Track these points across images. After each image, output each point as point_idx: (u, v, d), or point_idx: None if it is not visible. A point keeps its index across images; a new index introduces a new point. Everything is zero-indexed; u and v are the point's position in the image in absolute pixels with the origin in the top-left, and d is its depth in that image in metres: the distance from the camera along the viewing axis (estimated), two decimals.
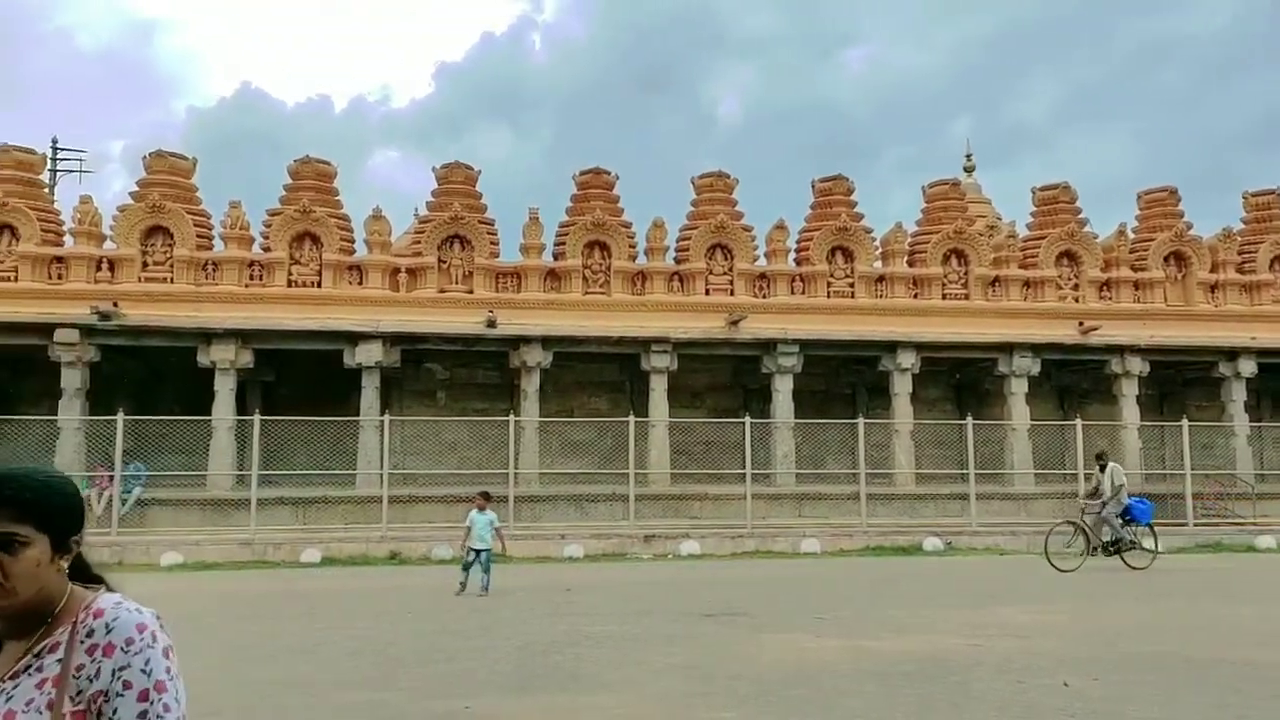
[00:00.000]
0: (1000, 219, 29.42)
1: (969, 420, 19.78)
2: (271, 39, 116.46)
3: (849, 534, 18.24)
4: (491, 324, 19.93)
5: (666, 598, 11.84)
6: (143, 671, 1.62)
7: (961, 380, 24.22)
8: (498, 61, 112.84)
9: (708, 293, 21.79)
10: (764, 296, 22.05)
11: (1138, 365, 21.91)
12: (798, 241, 22.84)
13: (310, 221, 20.12)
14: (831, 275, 22.33)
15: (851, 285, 22.41)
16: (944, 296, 22.60)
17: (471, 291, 20.88)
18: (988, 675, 7.09)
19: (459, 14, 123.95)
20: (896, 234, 22.83)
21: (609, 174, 22.42)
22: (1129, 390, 21.95)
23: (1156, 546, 14.97)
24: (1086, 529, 14.56)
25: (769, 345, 20.99)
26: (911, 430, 21.12)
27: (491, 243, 21.29)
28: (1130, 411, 21.92)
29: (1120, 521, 14.62)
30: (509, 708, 6.34)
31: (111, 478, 17.02)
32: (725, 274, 22.02)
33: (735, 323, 20.99)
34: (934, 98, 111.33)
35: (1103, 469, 15.02)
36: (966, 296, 22.69)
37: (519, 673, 7.37)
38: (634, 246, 21.89)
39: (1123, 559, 14.52)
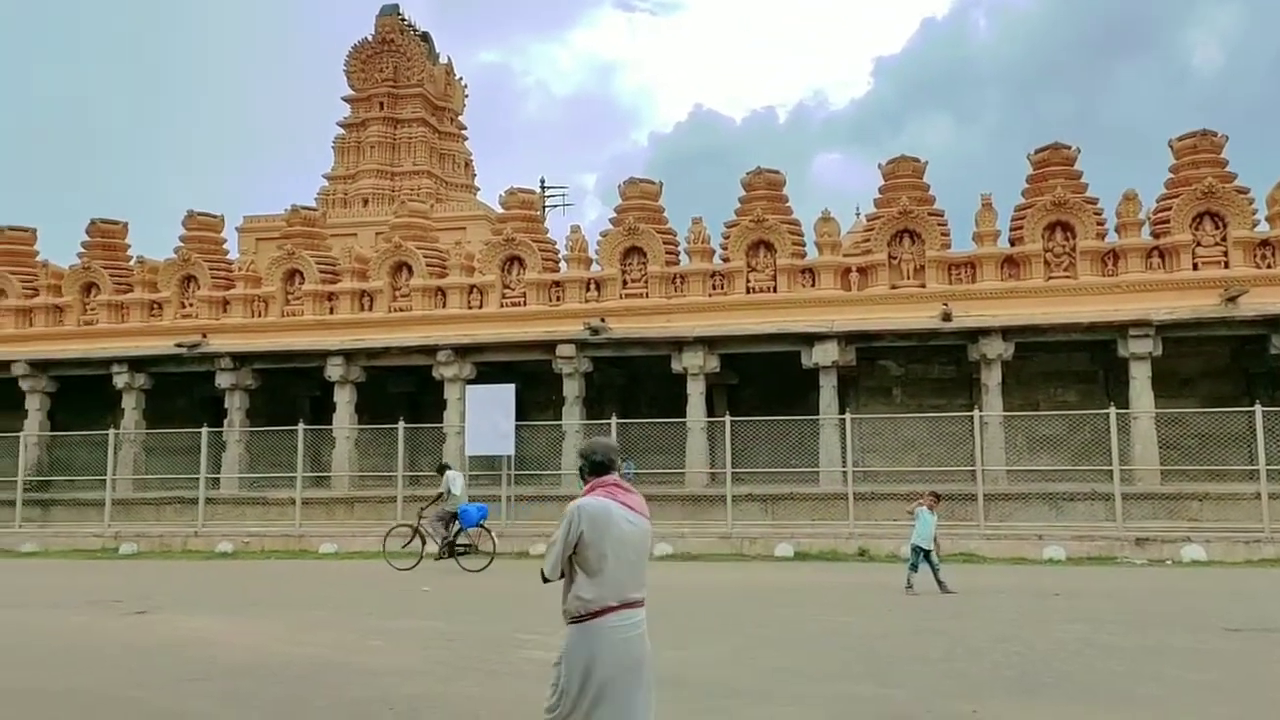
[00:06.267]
0: None
1: None
2: (718, 61, 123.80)
3: None
4: (946, 317, 19.39)
5: (1173, 607, 10.73)
6: None
7: None
8: (939, 47, 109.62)
9: (1195, 267, 19.31)
10: (1268, 267, 19.06)
11: None
12: None
13: (764, 230, 21.01)
14: None
15: None
16: None
17: (924, 285, 20.46)
18: None
19: (895, 6, 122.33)
20: None
21: (1069, 149, 20.78)
22: None
23: (494, 549, 15.41)
24: (425, 532, 15.61)
25: (1278, 322, 18.15)
26: None
27: (942, 234, 20.70)
28: None
29: (443, 526, 15.41)
30: (1021, 715, 6.16)
31: None
32: (1216, 245, 19.37)
33: (1233, 299, 18.40)
34: None
35: (441, 474, 16.17)
36: None
37: (1023, 678, 7.12)
38: (1102, 224, 20.04)
39: (458, 563, 15.09)
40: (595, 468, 4.24)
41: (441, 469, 16.56)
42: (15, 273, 24.94)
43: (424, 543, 15.67)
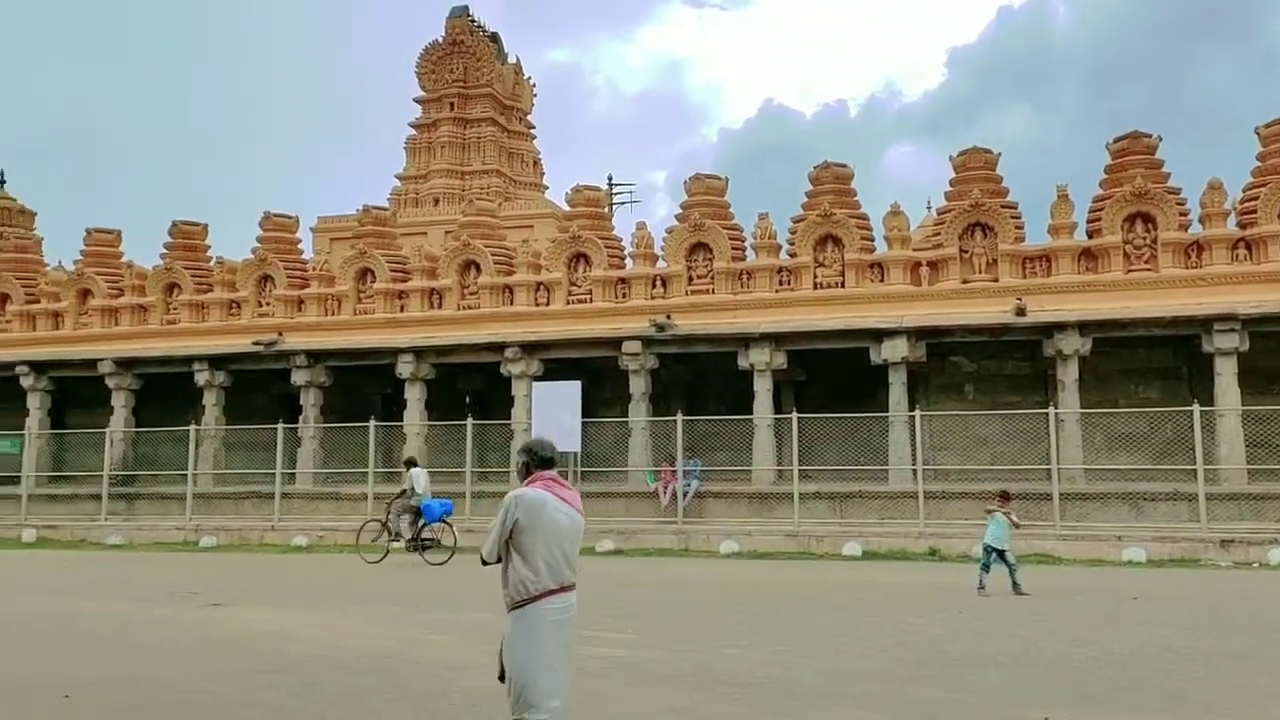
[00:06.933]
0: None
1: None
2: (788, 56, 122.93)
3: None
4: (1020, 312, 18.92)
5: (1259, 612, 10.32)
6: None
7: None
8: (1016, 36, 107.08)
9: None
10: None
11: None
12: None
13: (831, 224, 20.75)
14: None
15: None
16: None
17: (996, 280, 19.99)
18: None
19: None
20: None
21: (1149, 137, 20.08)
22: None
23: (455, 544, 15.84)
24: (391, 527, 16.40)
25: None
26: None
27: (1016, 227, 20.20)
28: None
29: (409, 519, 16.12)
30: None
31: (674, 472, 19.10)
32: None
33: None
34: None
35: (407, 469, 16.92)
36: None
37: (1100, 685, 6.90)
38: (1185, 215, 19.35)
39: (423, 556, 15.83)
40: (542, 462, 4.62)
41: (408, 464, 17.28)
42: (101, 273, 25.83)
43: (390, 537, 16.45)
